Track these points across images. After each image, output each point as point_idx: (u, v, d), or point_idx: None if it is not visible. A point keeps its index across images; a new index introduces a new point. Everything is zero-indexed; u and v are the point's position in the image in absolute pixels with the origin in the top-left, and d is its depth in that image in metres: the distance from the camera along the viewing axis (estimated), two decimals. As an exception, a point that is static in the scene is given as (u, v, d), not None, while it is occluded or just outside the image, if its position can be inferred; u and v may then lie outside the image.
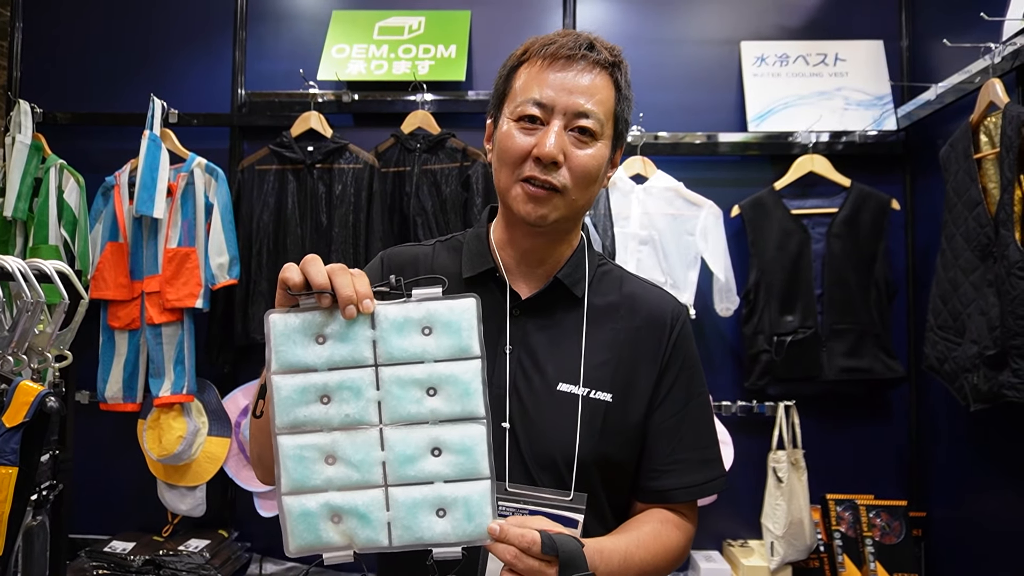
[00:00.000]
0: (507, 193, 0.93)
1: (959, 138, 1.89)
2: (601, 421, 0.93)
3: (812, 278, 2.27)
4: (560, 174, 0.89)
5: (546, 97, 0.89)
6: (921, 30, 2.41)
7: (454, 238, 1.05)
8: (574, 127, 0.90)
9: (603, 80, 0.91)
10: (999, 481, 1.96)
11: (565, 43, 0.91)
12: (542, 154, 0.88)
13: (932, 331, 1.95)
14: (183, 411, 2.26)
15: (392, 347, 0.76)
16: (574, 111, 0.89)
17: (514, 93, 0.93)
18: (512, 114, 0.92)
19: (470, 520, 0.74)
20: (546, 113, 0.89)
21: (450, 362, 0.76)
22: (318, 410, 0.75)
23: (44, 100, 2.43)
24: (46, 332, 1.19)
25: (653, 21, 2.53)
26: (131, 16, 2.57)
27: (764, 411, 2.32)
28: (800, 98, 2.41)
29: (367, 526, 0.74)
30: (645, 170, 2.33)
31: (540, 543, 0.73)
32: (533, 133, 0.90)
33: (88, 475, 2.32)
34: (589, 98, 0.89)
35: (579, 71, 0.90)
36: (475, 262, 0.98)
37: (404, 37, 2.46)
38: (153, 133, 2.25)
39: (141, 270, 2.27)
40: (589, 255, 1.01)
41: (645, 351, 0.97)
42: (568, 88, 0.89)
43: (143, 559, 2.14)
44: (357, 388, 0.75)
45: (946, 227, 1.91)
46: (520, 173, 0.90)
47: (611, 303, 0.99)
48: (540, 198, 0.90)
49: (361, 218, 2.26)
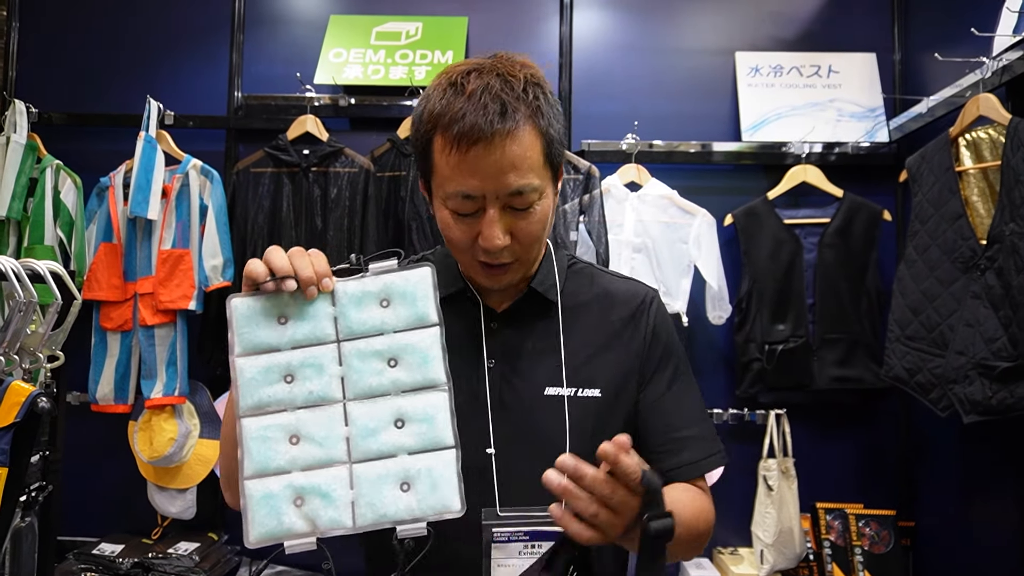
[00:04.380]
0: (465, 267, 0.95)
1: (935, 150, 1.91)
2: (594, 418, 0.93)
3: (804, 287, 2.29)
4: (509, 251, 0.87)
5: (473, 188, 0.83)
6: (913, 44, 2.43)
7: (424, 257, 1.06)
8: (511, 205, 0.85)
9: (527, 137, 0.83)
10: (988, 491, 1.98)
11: (476, 120, 0.80)
12: (489, 247, 0.85)
13: (899, 342, 1.96)
14: (175, 413, 2.25)
15: (352, 321, 0.76)
16: (507, 192, 0.83)
17: (439, 175, 0.86)
18: (442, 199, 0.87)
19: (434, 491, 0.72)
20: (478, 202, 0.84)
21: (409, 331, 0.76)
22: (282, 389, 0.75)
23: (39, 100, 2.42)
24: (38, 332, 1.19)
25: (649, 31, 2.55)
26: (128, 17, 2.57)
27: (755, 419, 2.32)
28: (793, 109, 2.43)
29: (330, 506, 0.72)
30: (639, 178, 2.34)
31: (641, 475, 0.68)
32: (472, 222, 0.86)
33: (78, 476, 2.31)
34: (519, 173, 0.82)
35: (499, 146, 0.81)
36: (446, 280, 0.97)
37: (401, 42, 2.47)
38: (149, 134, 2.25)
39: (135, 271, 2.26)
40: (557, 258, 1.02)
41: (625, 341, 0.98)
42: (493, 172, 0.82)
43: (132, 562, 2.13)
44: (319, 365, 0.75)
45: (916, 238, 1.93)
46: (472, 255, 0.89)
47: (585, 301, 1.00)
48: (500, 272, 0.90)
49: (356, 222, 2.26)
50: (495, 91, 0.82)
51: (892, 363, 1.99)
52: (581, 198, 2.24)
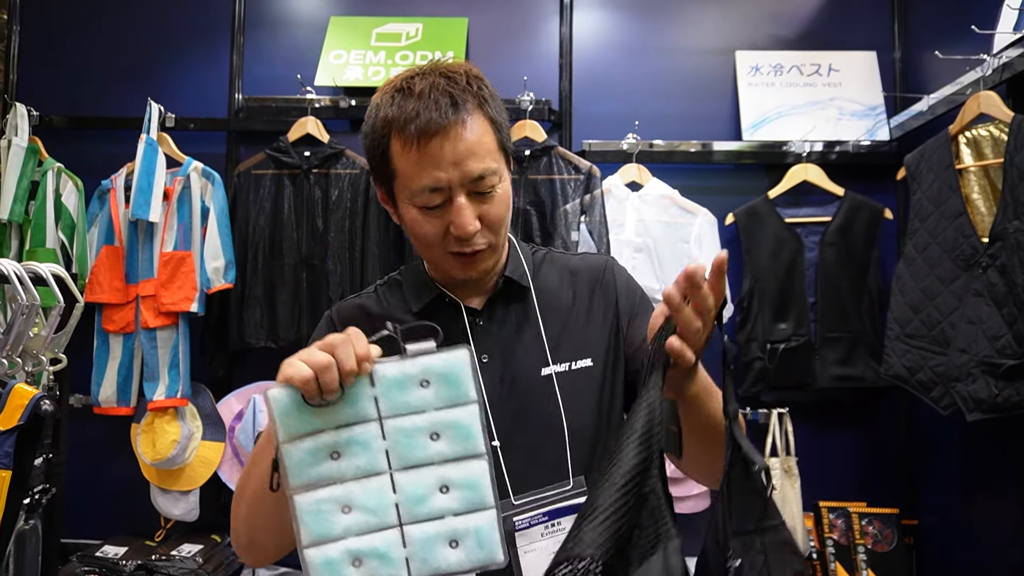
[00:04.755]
0: (438, 264, 0.96)
1: (934, 148, 1.91)
2: (594, 387, 0.97)
3: (805, 286, 2.29)
4: (481, 236, 0.91)
5: (438, 180, 0.87)
6: (914, 42, 2.43)
7: (391, 278, 1.07)
8: (475, 190, 0.89)
9: (479, 125, 0.88)
10: (990, 489, 1.97)
11: (430, 115, 0.86)
12: (462, 235, 0.88)
13: (899, 340, 1.96)
14: (177, 415, 2.26)
15: (394, 402, 0.79)
16: (471, 179, 0.87)
17: (401, 177, 0.90)
18: (408, 199, 0.90)
19: (481, 547, 0.78)
20: (444, 193, 0.88)
21: (449, 409, 0.79)
22: (330, 466, 0.78)
23: (41, 103, 2.43)
24: (41, 335, 1.19)
25: (649, 30, 2.55)
26: (129, 20, 2.57)
27: (757, 418, 2.32)
28: (794, 108, 2.43)
29: (388, 564, 0.77)
30: (640, 178, 2.34)
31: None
32: (441, 215, 0.89)
33: (81, 479, 2.31)
34: (478, 158, 0.87)
35: (456, 136, 0.86)
36: (420, 294, 1.00)
37: (401, 44, 2.47)
38: (150, 137, 2.25)
39: (136, 274, 2.27)
40: (521, 248, 1.05)
41: (600, 308, 1.03)
42: (454, 160, 0.86)
43: (135, 564, 2.13)
44: (365, 442, 0.78)
45: (916, 236, 1.93)
46: (445, 248, 0.92)
47: (555, 282, 1.04)
48: (475, 261, 0.93)
49: (357, 223, 2.26)
50: (442, 87, 0.87)
51: (892, 361, 1.99)
52: (582, 198, 2.24)
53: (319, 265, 2.26)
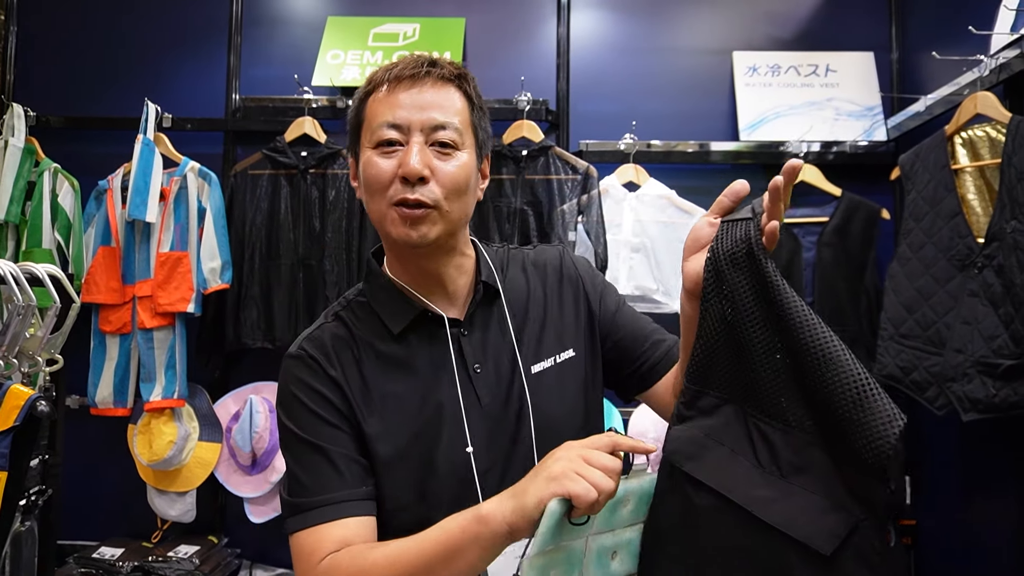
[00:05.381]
0: (383, 220, 0.91)
1: (930, 148, 1.91)
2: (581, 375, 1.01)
3: (803, 286, 2.29)
4: (429, 190, 0.88)
5: (400, 118, 0.89)
6: (911, 42, 2.44)
7: (351, 303, 1.01)
8: (433, 142, 0.90)
9: (453, 93, 0.93)
10: (988, 490, 1.98)
11: (407, 64, 0.92)
12: (407, 172, 0.87)
13: (893, 340, 1.96)
14: (174, 416, 2.25)
15: (603, 519, 0.79)
16: (431, 126, 0.89)
17: (367, 122, 0.93)
18: (370, 142, 0.91)
19: None
20: (403, 134, 0.89)
21: (629, 527, 0.80)
22: None
23: (37, 103, 2.42)
24: (37, 336, 1.19)
25: (646, 30, 2.55)
26: (125, 20, 2.57)
27: (755, 419, 2.32)
28: (791, 108, 2.43)
29: None
30: (637, 178, 2.34)
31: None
32: (394, 156, 0.89)
33: (77, 480, 2.31)
34: (443, 111, 0.90)
35: (427, 87, 0.91)
36: (397, 314, 0.96)
37: (399, 44, 2.47)
38: (147, 137, 2.25)
39: (133, 274, 2.26)
40: (487, 252, 1.05)
41: (568, 297, 1.05)
42: (420, 105, 0.90)
43: (132, 565, 2.12)
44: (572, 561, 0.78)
45: (910, 235, 1.93)
46: (391, 198, 0.89)
47: (524, 279, 1.05)
48: (416, 218, 0.89)
49: (354, 224, 2.26)
50: (426, 56, 0.94)
51: (885, 361, 1.99)
52: (579, 198, 2.24)
53: (316, 265, 2.26)
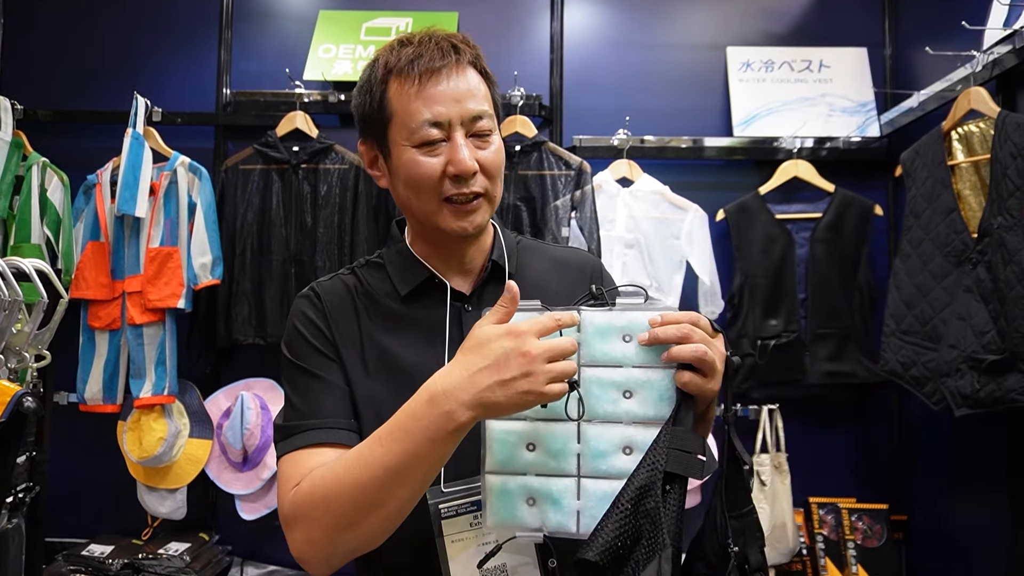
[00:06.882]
0: (432, 216, 0.92)
1: (928, 144, 1.92)
2: None
3: (796, 282, 2.29)
4: (477, 181, 0.90)
5: (440, 115, 0.88)
6: (904, 38, 2.44)
7: (371, 260, 1.04)
8: (472, 132, 0.91)
9: (475, 76, 0.93)
10: (980, 485, 1.99)
11: (432, 55, 0.90)
12: (463, 171, 0.88)
13: (894, 336, 1.97)
14: (164, 412, 2.23)
15: (594, 351, 0.80)
16: (469, 117, 0.90)
17: (400, 116, 0.90)
18: (409, 140, 0.90)
19: None
20: (444, 130, 0.89)
21: (646, 369, 0.80)
22: None
23: (25, 96, 2.39)
24: (24, 331, 1.18)
25: (640, 26, 2.55)
26: (115, 12, 2.54)
27: (748, 414, 2.33)
28: (785, 104, 2.43)
29: (559, 511, 0.80)
30: (631, 173, 2.34)
31: (709, 321, 0.79)
32: (439, 153, 0.89)
33: (66, 477, 2.29)
34: (475, 99, 0.91)
35: (454, 76, 0.90)
36: (407, 277, 0.98)
37: (391, 38, 2.44)
38: (136, 131, 2.22)
39: (123, 270, 2.24)
40: (504, 234, 1.04)
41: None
42: (455, 98, 0.89)
43: (122, 563, 2.11)
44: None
45: (910, 232, 1.94)
46: (441, 194, 0.90)
47: (541, 270, 1.04)
48: (469, 210, 0.91)
49: (346, 219, 2.25)
50: (441, 37, 0.92)
51: (888, 357, 1.99)
52: (573, 194, 2.23)
53: (308, 261, 2.25)
